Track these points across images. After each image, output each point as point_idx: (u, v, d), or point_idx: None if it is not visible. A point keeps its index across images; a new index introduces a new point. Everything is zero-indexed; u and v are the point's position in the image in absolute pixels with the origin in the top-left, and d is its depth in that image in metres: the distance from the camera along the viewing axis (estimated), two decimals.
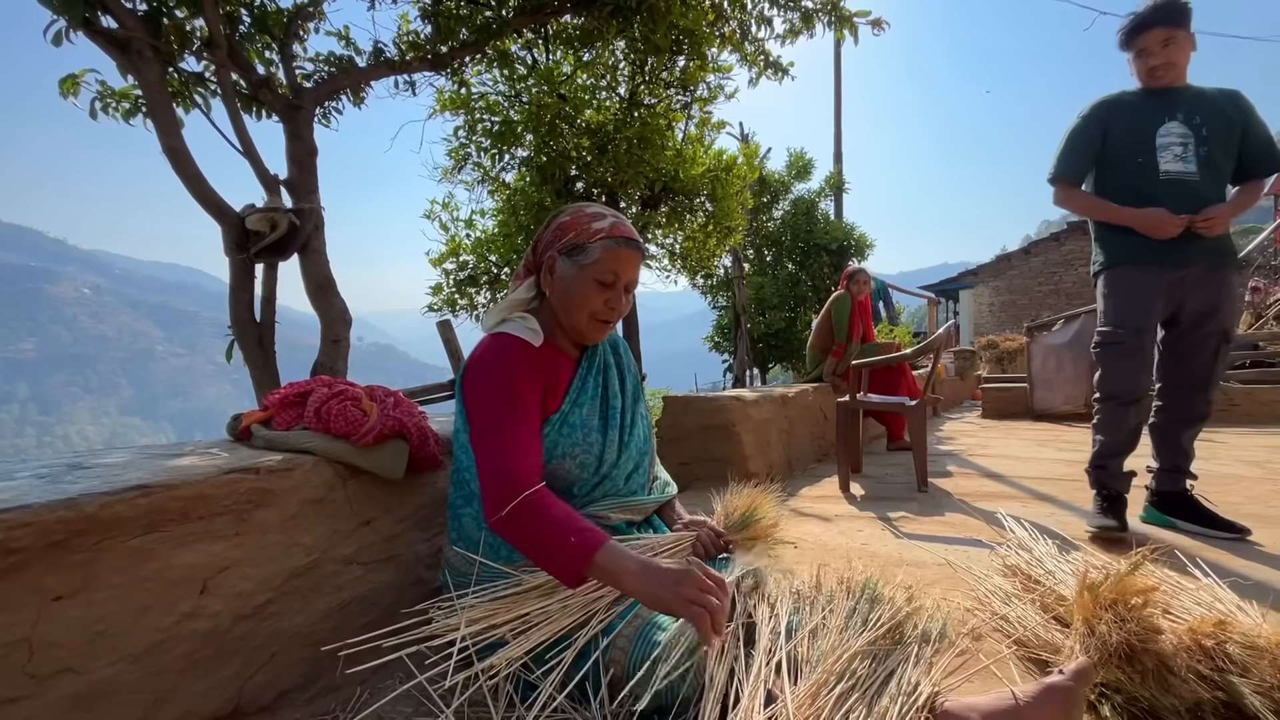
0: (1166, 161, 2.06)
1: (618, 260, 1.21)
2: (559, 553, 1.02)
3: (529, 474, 1.10)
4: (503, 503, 1.05)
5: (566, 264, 1.23)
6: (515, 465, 1.09)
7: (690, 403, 3.52)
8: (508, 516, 1.04)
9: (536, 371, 1.20)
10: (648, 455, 1.40)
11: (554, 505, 1.07)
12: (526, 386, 1.17)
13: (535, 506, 1.05)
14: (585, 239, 1.22)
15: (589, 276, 1.20)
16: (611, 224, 1.23)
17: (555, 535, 1.02)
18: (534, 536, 1.04)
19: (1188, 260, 2.05)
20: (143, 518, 0.99)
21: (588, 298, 1.21)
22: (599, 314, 1.23)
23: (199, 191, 2.01)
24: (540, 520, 1.04)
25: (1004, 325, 16.45)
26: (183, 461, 1.17)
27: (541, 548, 1.04)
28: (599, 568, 1.00)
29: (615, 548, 1.02)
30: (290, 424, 1.38)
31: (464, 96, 4.04)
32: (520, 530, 1.05)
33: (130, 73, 1.92)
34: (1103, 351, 2.17)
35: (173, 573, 1.02)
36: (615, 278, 1.22)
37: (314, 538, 1.24)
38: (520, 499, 1.05)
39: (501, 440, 1.12)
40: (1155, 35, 2.04)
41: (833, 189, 9.80)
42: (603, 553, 1.00)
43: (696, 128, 4.92)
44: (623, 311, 1.29)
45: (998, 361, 9.93)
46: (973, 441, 4.91)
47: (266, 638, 1.15)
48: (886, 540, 2.31)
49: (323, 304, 2.27)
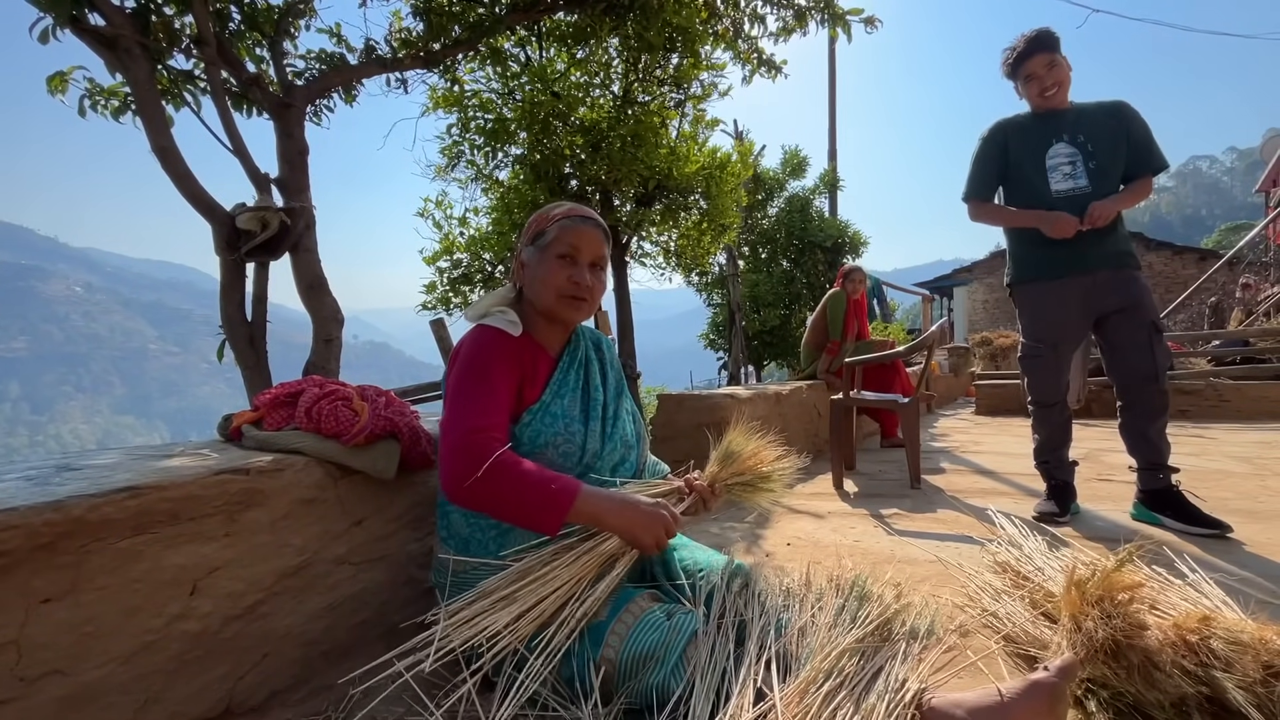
0: (1057, 181, 2.24)
1: (575, 234, 1.26)
2: (538, 501, 1.06)
3: (494, 440, 1.11)
4: (472, 467, 1.06)
5: (531, 251, 1.30)
6: (482, 434, 1.11)
7: (684, 401, 3.53)
8: (481, 479, 1.05)
9: (511, 359, 1.23)
10: (635, 449, 1.42)
11: (524, 461, 1.11)
12: (500, 370, 1.20)
13: (506, 464, 1.08)
14: (544, 224, 1.29)
15: (551, 255, 1.27)
16: (569, 208, 1.31)
17: (533, 485, 1.07)
18: (510, 493, 1.07)
19: (1090, 266, 2.21)
20: (131, 519, 0.98)
21: (551, 275, 1.26)
22: (565, 289, 1.26)
23: (189, 190, 2.00)
24: (514, 476, 1.07)
25: (998, 322, 16.51)
26: (173, 462, 1.17)
27: (520, 501, 1.07)
28: (579, 512, 1.08)
29: (594, 491, 1.11)
30: (281, 424, 1.37)
31: (457, 94, 4.03)
32: (494, 490, 1.06)
33: (118, 70, 1.91)
34: (1026, 363, 2.40)
35: (162, 574, 1.02)
36: (575, 250, 1.26)
37: (305, 538, 1.24)
38: (493, 459, 1.06)
39: (468, 414, 1.14)
40: (1039, 61, 2.22)
41: (827, 186, 9.81)
42: (583, 496, 1.08)
43: (690, 125, 4.92)
44: (595, 290, 1.31)
45: (992, 358, 9.97)
46: (966, 438, 4.94)
47: (257, 638, 1.15)
48: (879, 537, 2.32)
49: (314, 303, 2.26)
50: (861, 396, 3.55)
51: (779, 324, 8.41)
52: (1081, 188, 2.21)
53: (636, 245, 5.83)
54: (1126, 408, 2.29)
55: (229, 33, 2.24)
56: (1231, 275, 12.54)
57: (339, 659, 1.28)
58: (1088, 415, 5.93)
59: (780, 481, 1.41)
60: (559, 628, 1.04)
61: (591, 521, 1.11)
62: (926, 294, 16.05)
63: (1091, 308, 2.26)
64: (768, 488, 1.39)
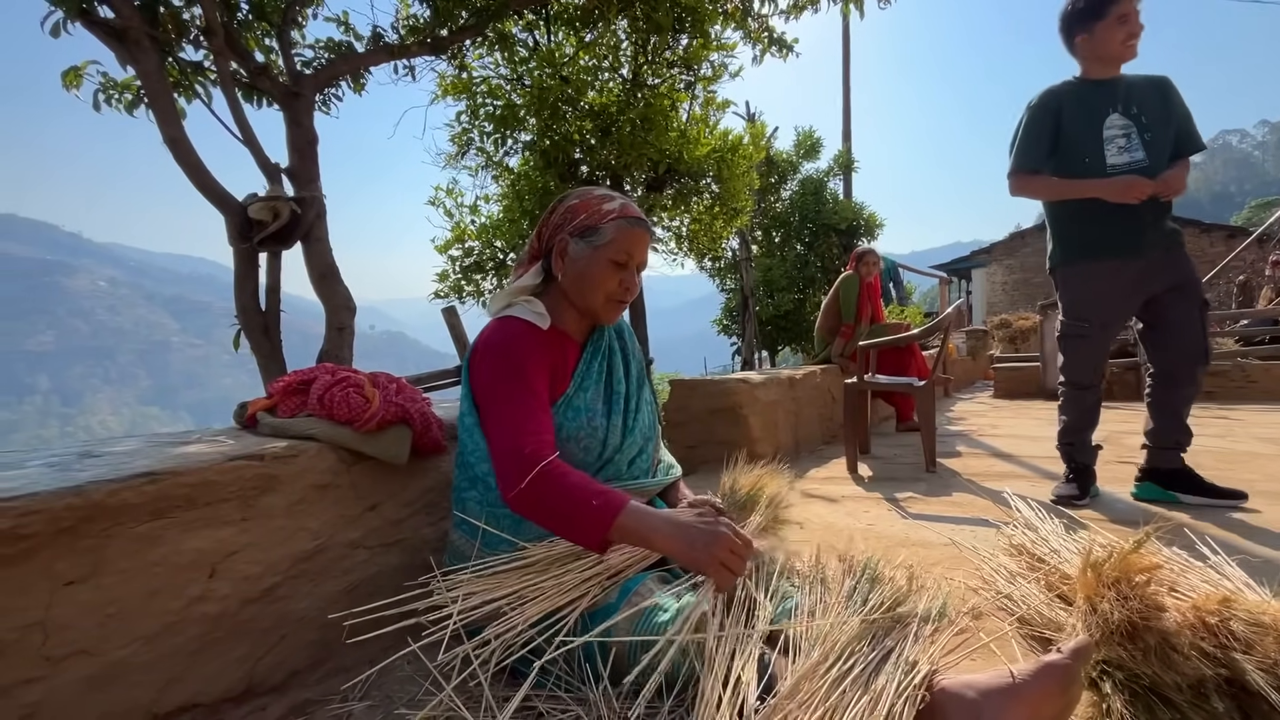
0: (1113, 154, 2.14)
1: (630, 240, 1.23)
2: (582, 518, 1.02)
3: (543, 447, 1.09)
4: (519, 477, 1.04)
5: (580, 246, 1.24)
6: (528, 441, 1.09)
7: (697, 386, 3.52)
8: (526, 489, 1.04)
9: (544, 353, 1.21)
10: (652, 440, 1.41)
11: (571, 473, 1.07)
12: (535, 367, 1.18)
13: (552, 476, 1.05)
14: (598, 220, 1.23)
15: (604, 257, 1.22)
16: (622, 205, 1.26)
17: (577, 501, 1.02)
18: (555, 505, 1.04)
19: (1145, 248, 2.13)
20: (150, 504, 1.00)
21: (603, 278, 1.22)
22: (614, 294, 1.25)
23: (201, 181, 2.02)
24: (559, 488, 1.04)
25: (1018, 304, 16.23)
26: (189, 449, 1.19)
27: (564, 515, 1.03)
28: (624, 529, 1.00)
29: (639, 508, 1.03)
30: (294, 411, 1.39)
31: (465, 81, 4.01)
32: (539, 501, 1.04)
33: (129, 63, 1.92)
34: (1068, 343, 2.34)
35: (181, 557, 1.04)
36: (629, 257, 1.23)
37: (320, 522, 1.26)
38: (537, 470, 1.04)
39: (513, 418, 1.12)
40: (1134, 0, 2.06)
41: (842, 168, 9.67)
42: (627, 514, 1.01)
43: (701, 108, 4.86)
44: (635, 291, 1.30)
45: (1011, 341, 9.82)
46: (983, 422, 4.88)
47: (275, 620, 1.17)
48: (893, 521, 2.31)
49: (326, 292, 2.28)
50: (876, 380, 3.52)
51: (793, 308, 8.34)
52: (1138, 161, 2.11)
53: None
54: (1168, 386, 2.22)
55: (237, 23, 2.24)
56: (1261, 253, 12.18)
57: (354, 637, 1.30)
58: (1109, 398, 5.82)
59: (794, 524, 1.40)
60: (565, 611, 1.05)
61: (639, 542, 1.04)
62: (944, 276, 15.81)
63: (1143, 289, 2.19)
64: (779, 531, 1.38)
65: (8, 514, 0.85)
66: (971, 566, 1.70)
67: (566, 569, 1.11)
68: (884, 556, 1.31)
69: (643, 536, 1.01)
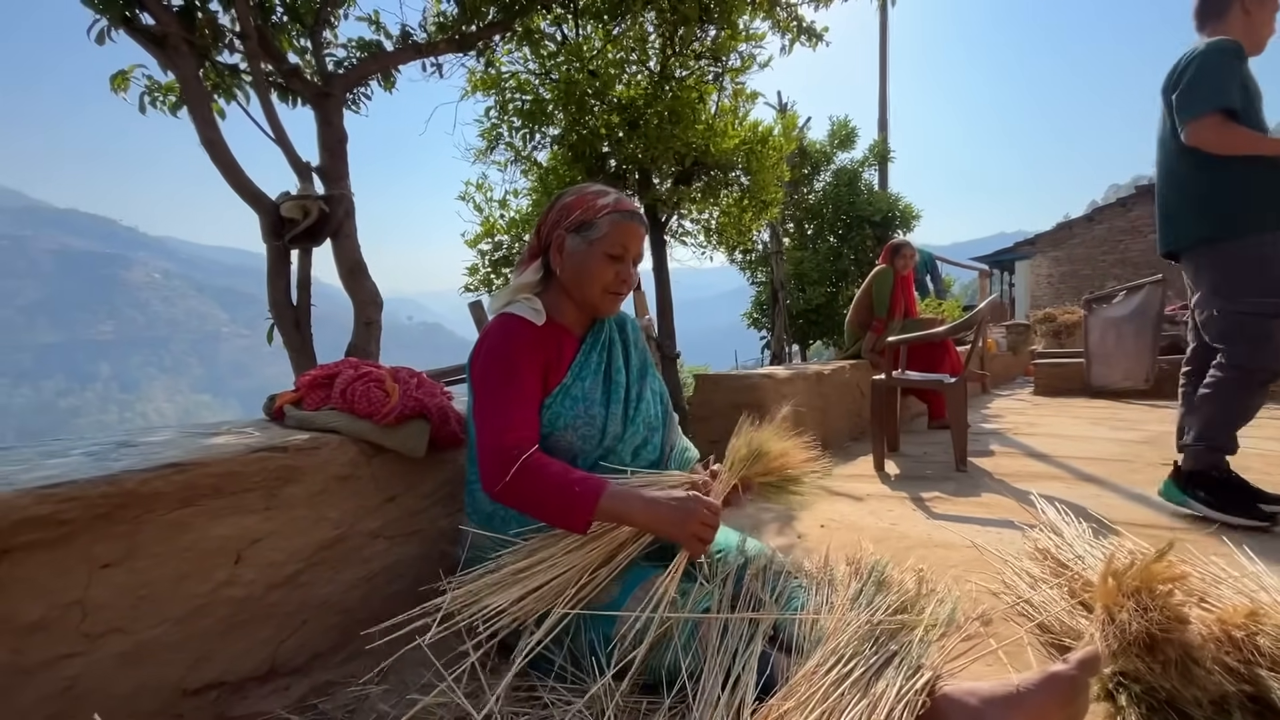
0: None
1: (625, 233, 1.27)
2: (564, 503, 1.08)
3: (525, 442, 1.14)
4: (503, 471, 1.10)
5: (576, 240, 1.28)
6: (510, 436, 1.14)
7: (721, 381, 3.51)
8: (510, 482, 1.10)
9: (537, 347, 1.24)
10: (659, 431, 1.41)
11: (551, 463, 1.13)
12: (526, 362, 1.22)
13: (533, 467, 1.11)
14: (592, 215, 1.27)
15: (599, 251, 1.26)
16: (615, 199, 1.29)
17: (558, 487, 1.09)
18: (538, 495, 1.10)
19: None
20: (179, 492, 1.06)
21: (600, 271, 1.26)
22: (611, 286, 1.28)
23: (236, 181, 2.10)
24: (540, 478, 1.10)
25: (1064, 297, 15.63)
26: (218, 440, 1.25)
27: (547, 503, 1.10)
28: (605, 511, 1.08)
29: (618, 489, 1.10)
30: (319, 404, 1.44)
31: (495, 76, 4.05)
32: (522, 492, 1.10)
33: (168, 67, 2.01)
34: (1261, 324, 1.96)
35: (209, 543, 1.10)
36: (624, 250, 1.27)
37: (340, 512, 1.31)
38: (519, 464, 1.09)
39: (498, 414, 1.16)
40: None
41: (877, 158, 9.43)
42: (607, 496, 1.08)
43: (731, 99, 4.80)
44: (632, 284, 1.34)
45: (1055, 336, 9.47)
46: (1021, 420, 4.74)
47: (298, 605, 1.22)
48: (917, 521, 2.27)
49: (354, 287, 2.35)
50: (905, 376, 3.45)
51: (824, 302, 8.20)
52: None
53: (676, 224, 5.78)
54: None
55: (271, 25, 2.31)
56: None
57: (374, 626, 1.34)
58: (1158, 395, 5.60)
59: (809, 485, 1.38)
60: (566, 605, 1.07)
61: (619, 521, 1.11)
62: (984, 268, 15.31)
63: None
64: (795, 490, 1.36)
65: (49, 500, 0.91)
66: (992, 570, 1.66)
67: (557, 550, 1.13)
68: (896, 559, 1.29)
69: (621, 515, 1.09)
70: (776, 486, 1.34)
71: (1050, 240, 17.28)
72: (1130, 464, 3.02)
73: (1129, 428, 4.08)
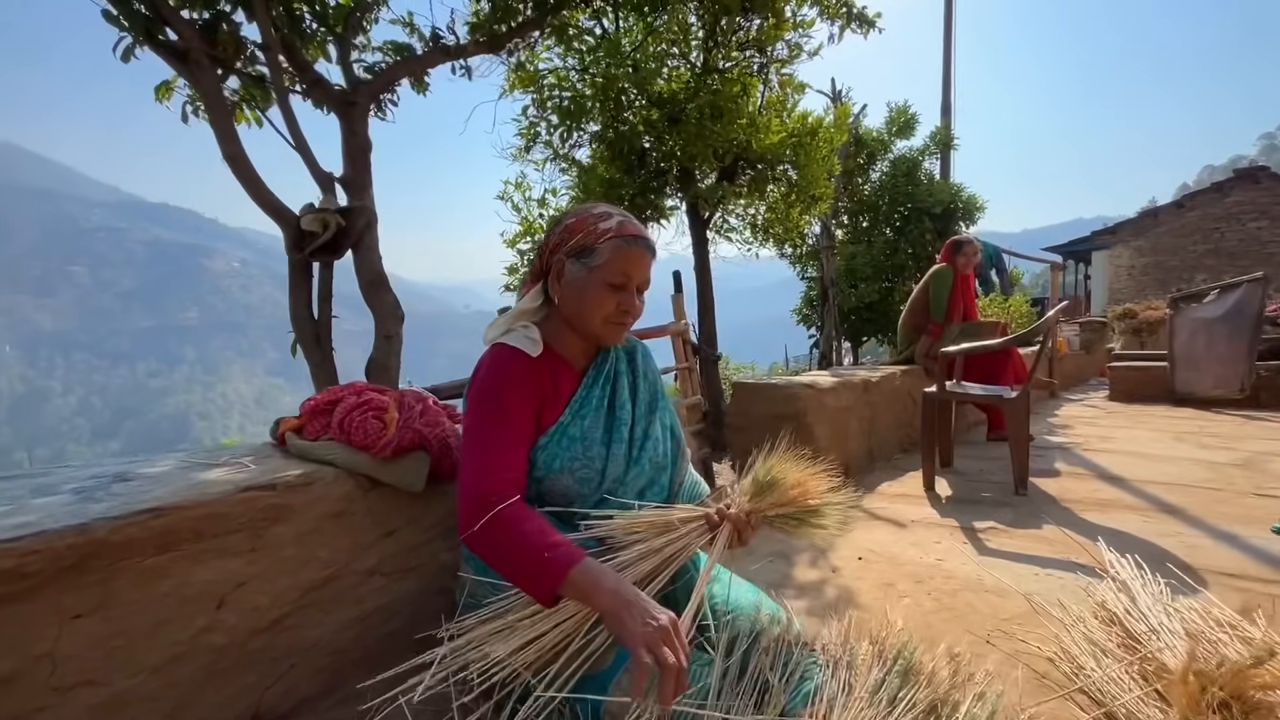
0: None
1: (627, 260, 1.16)
2: (532, 568, 0.97)
3: (505, 487, 1.05)
4: (475, 518, 1.01)
5: (576, 267, 1.18)
6: (491, 480, 1.05)
7: (759, 390, 3.35)
8: (480, 531, 1.01)
9: (531, 382, 1.15)
10: (669, 470, 1.30)
11: (529, 518, 1.02)
12: (516, 398, 1.12)
13: (507, 520, 1.01)
14: (593, 240, 1.16)
15: (599, 279, 1.15)
16: (619, 223, 1.18)
17: (529, 549, 0.98)
18: (507, 552, 1.00)
19: None
20: (156, 538, 1.02)
21: (600, 301, 1.16)
22: (613, 317, 1.18)
23: (258, 195, 2.10)
24: (513, 534, 1.00)
25: (1146, 291, 14.47)
26: (211, 475, 1.22)
27: (514, 563, 1.00)
28: (574, 585, 0.94)
29: (593, 567, 0.96)
30: (319, 433, 1.40)
31: (533, 73, 3.98)
32: (492, 545, 1.01)
33: (190, 82, 2.02)
34: None
35: (189, 589, 1.06)
36: (626, 279, 1.16)
37: (332, 551, 1.26)
38: (492, 513, 1.00)
39: (481, 454, 1.08)
40: None
41: (939, 145, 8.89)
42: (579, 571, 0.95)
43: (777, 91, 4.58)
44: (637, 313, 1.23)
45: (1135, 334, 8.75)
46: (1092, 432, 4.36)
47: (284, 650, 1.18)
48: (966, 557, 2.07)
49: (375, 300, 2.32)
50: (962, 389, 3.20)
51: (879, 299, 7.82)
52: None
53: (721, 220, 5.59)
54: None
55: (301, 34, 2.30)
56: None
57: (369, 668, 1.29)
58: (1253, 405, 5.07)
59: (834, 518, 1.23)
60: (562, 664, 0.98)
61: (584, 602, 0.97)
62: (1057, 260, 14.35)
63: None
64: (817, 523, 1.22)
65: (10, 554, 0.88)
66: (1048, 629, 1.48)
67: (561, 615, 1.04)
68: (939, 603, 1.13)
69: (588, 595, 0.94)
70: (796, 519, 1.21)
71: (1133, 228, 16.02)
72: (1219, 493, 2.70)
73: (1220, 446, 3.68)
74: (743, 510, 1.18)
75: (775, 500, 1.21)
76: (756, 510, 1.19)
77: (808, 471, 1.25)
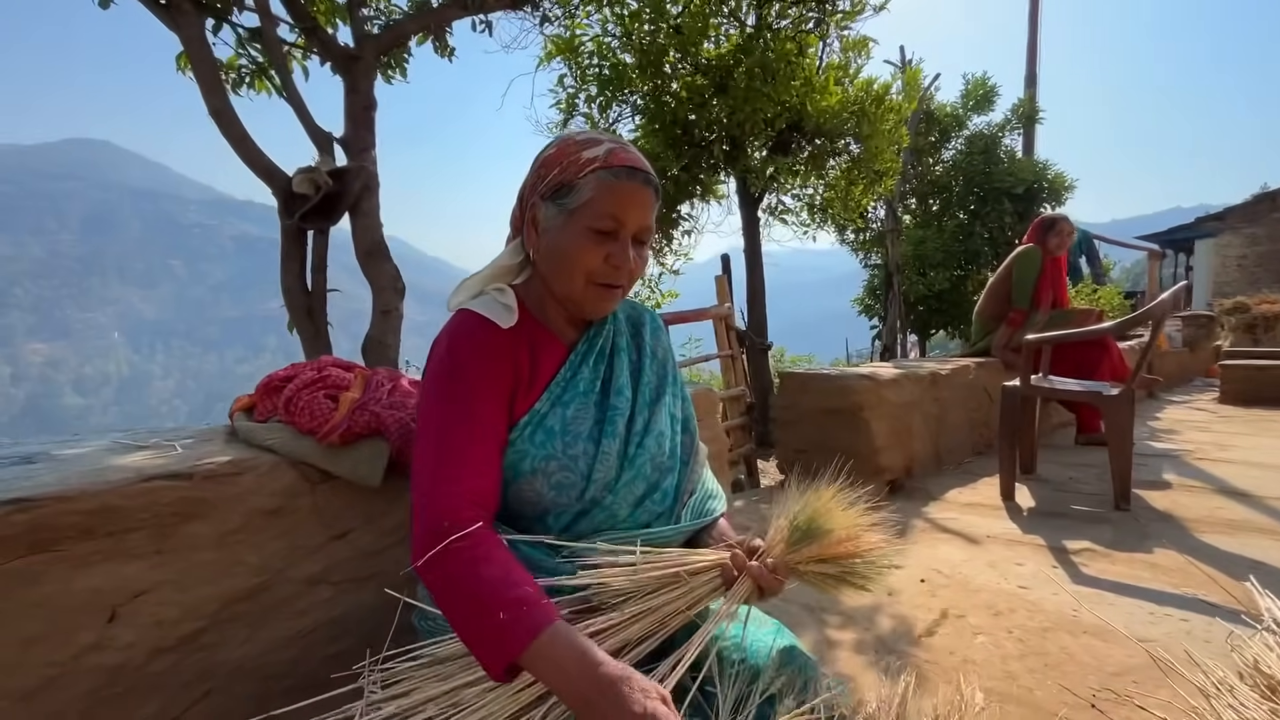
0: None
1: (617, 198, 0.86)
2: (486, 631, 0.71)
3: (464, 505, 0.80)
4: (424, 547, 0.76)
5: (552, 211, 0.89)
6: (447, 496, 0.80)
7: (809, 381, 3.01)
8: (425, 567, 0.76)
9: (501, 359, 0.89)
10: (674, 471, 1.01)
11: (488, 559, 0.76)
12: (479, 379, 0.86)
13: (463, 560, 0.75)
14: (573, 175, 0.87)
15: (580, 225, 0.87)
16: (608, 150, 0.88)
17: (485, 602, 0.72)
18: (458, 601, 0.75)
19: None
20: (24, 536, 0.84)
21: (581, 254, 0.87)
22: (598, 275, 0.88)
23: (246, 154, 1.94)
24: (466, 580, 0.74)
25: (1260, 283, 12.92)
26: (131, 458, 1.03)
27: (465, 619, 0.74)
28: (537, 660, 0.69)
29: (562, 636, 0.70)
30: (268, 414, 1.20)
31: (570, 40, 3.74)
32: (442, 588, 0.76)
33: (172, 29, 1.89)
34: None
35: (69, 599, 0.87)
36: (615, 223, 0.87)
37: (265, 555, 1.05)
38: (440, 547, 0.75)
39: (438, 456, 0.82)
40: None
41: (1022, 120, 8.10)
42: (543, 641, 0.69)
43: (840, 52, 4.17)
44: (635, 271, 0.92)
45: (1248, 330, 7.77)
46: (1205, 439, 3.76)
47: (197, 673, 0.98)
48: (1057, 585, 1.70)
49: (373, 270, 2.13)
50: (1049, 384, 2.76)
51: (949, 287, 7.20)
52: None
53: (776, 200, 5.22)
54: None
55: None
56: None
57: (309, 694, 1.08)
58: None
59: (876, 573, 0.93)
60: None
61: (546, 683, 0.71)
62: (1155, 248, 13.00)
63: None
64: (859, 583, 0.92)
65: None
66: (1171, 686, 1.12)
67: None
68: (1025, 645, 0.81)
69: (553, 676, 0.69)
70: (835, 578, 0.91)
71: (1244, 214, 14.38)
72: None
73: None
74: (769, 562, 0.89)
75: (814, 554, 0.91)
76: (788, 563, 0.90)
77: (860, 518, 0.94)
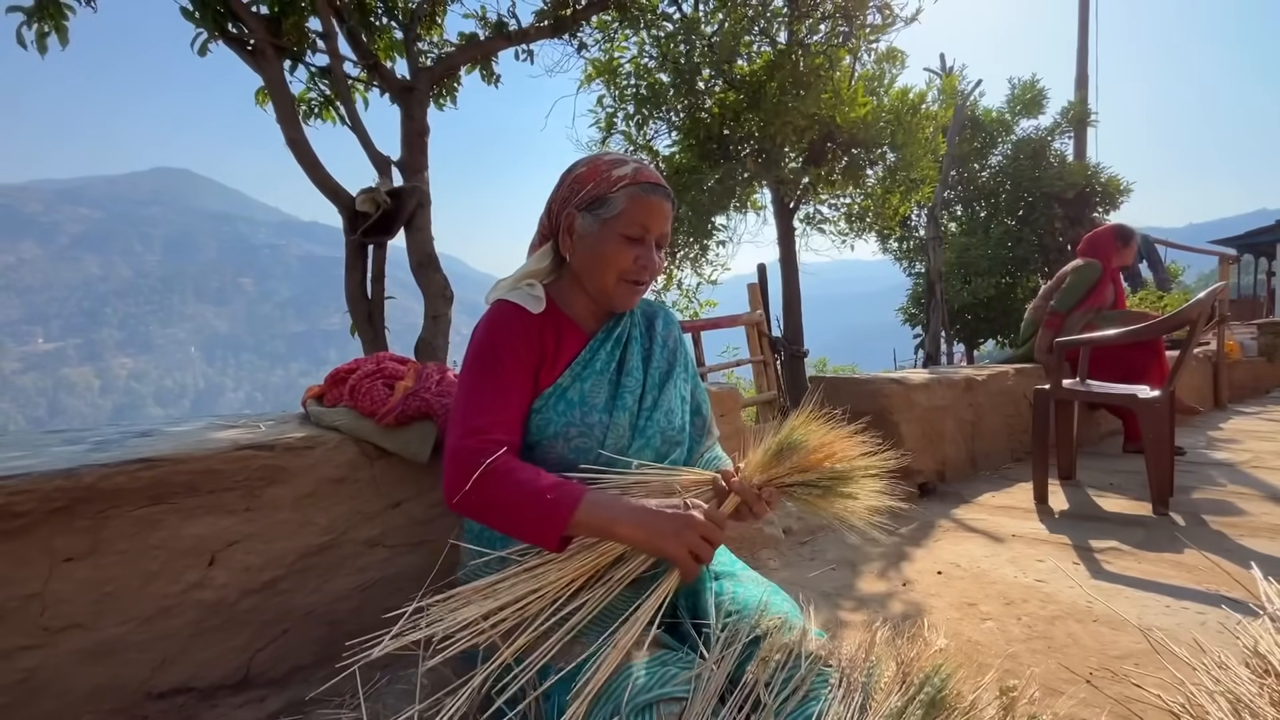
0: None
1: (645, 210, 1.06)
2: (534, 514, 0.90)
3: (490, 444, 0.96)
4: (461, 479, 0.93)
5: (588, 220, 1.08)
6: (474, 439, 0.97)
7: (839, 385, 3.07)
8: (471, 491, 0.92)
9: (529, 338, 1.07)
10: (682, 445, 1.16)
11: (520, 468, 0.94)
12: (510, 354, 1.04)
13: (497, 473, 0.93)
14: (606, 189, 1.06)
15: (614, 231, 1.06)
16: (635, 169, 1.07)
17: (527, 495, 0.91)
18: (502, 505, 0.92)
19: None
20: (147, 489, 1.03)
21: (615, 256, 1.06)
22: (628, 274, 1.07)
23: (318, 178, 2.19)
24: (504, 485, 0.92)
25: None
26: (224, 434, 1.23)
27: (513, 515, 0.92)
28: (583, 524, 0.90)
29: (599, 498, 0.92)
30: (336, 400, 1.39)
31: (609, 62, 3.94)
32: (484, 503, 0.93)
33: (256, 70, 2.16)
34: None
35: (180, 543, 1.06)
36: (644, 230, 1.06)
37: (331, 517, 1.23)
38: (481, 468, 0.92)
39: (470, 413, 1.00)
40: None
41: (1073, 123, 7.88)
42: (585, 506, 0.90)
43: (874, 64, 4.24)
44: (655, 271, 1.12)
45: None
46: (1266, 448, 3.60)
47: (276, 613, 1.16)
48: (1075, 580, 1.73)
49: (424, 280, 2.35)
50: (1086, 387, 2.74)
51: (996, 295, 7.04)
52: None
53: (813, 210, 5.28)
54: None
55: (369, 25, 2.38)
56: None
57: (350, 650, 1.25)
58: None
59: (867, 487, 1.03)
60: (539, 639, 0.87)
61: (601, 534, 0.92)
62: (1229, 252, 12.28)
63: None
64: (846, 493, 1.03)
65: (2, 491, 0.91)
66: (1173, 673, 1.16)
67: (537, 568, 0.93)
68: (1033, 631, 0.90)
69: (602, 528, 0.90)
70: (820, 488, 1.02)
71: None
72: None
73: None
74: (756, 481, 1.01)
75: (795, 465, 1.03)
76: (772, 478, 1.02)
77: (834, 432, 1.06)
